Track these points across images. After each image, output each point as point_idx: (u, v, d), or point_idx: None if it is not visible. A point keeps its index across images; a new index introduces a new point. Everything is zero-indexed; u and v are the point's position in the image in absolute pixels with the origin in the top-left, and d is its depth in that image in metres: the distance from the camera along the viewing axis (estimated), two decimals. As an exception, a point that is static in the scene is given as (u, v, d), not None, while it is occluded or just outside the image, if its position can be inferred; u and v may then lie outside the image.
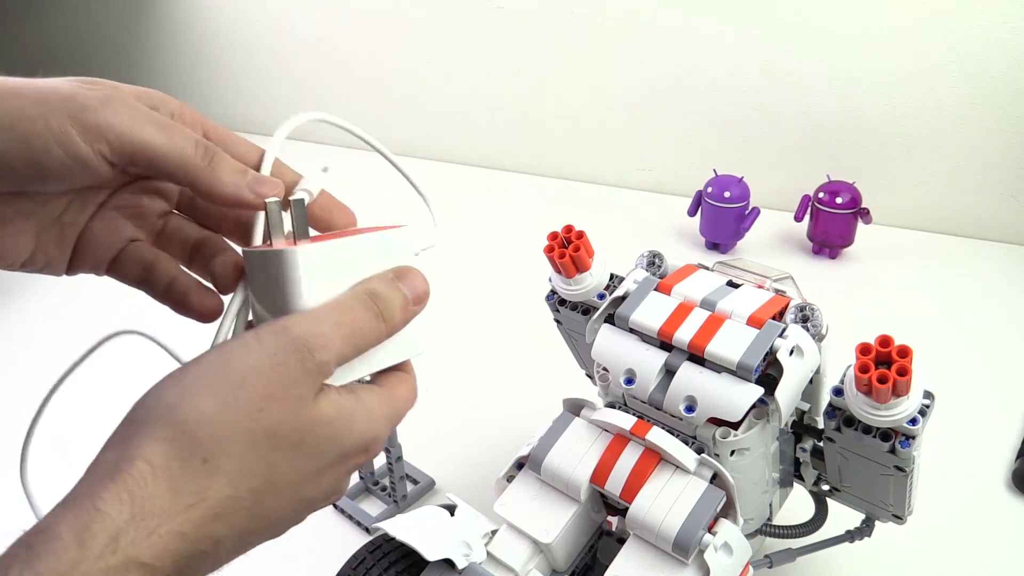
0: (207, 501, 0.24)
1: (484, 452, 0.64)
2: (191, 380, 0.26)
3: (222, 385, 0.25)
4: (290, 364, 0.26)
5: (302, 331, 0.27)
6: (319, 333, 0.27)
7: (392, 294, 0.30)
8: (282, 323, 0.27)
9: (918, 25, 0.91)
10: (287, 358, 0.26)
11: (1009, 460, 0.64)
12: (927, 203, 0.99)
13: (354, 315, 0.28)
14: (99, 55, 1.49)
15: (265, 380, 0.26)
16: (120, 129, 0.27)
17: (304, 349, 0.26)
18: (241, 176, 0.30)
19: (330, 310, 0.28)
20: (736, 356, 0.41)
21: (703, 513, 0.40)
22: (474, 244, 1.01)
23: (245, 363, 0.26)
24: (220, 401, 0.25)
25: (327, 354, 0.27)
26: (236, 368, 0.26)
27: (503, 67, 1.16)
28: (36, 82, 0.28)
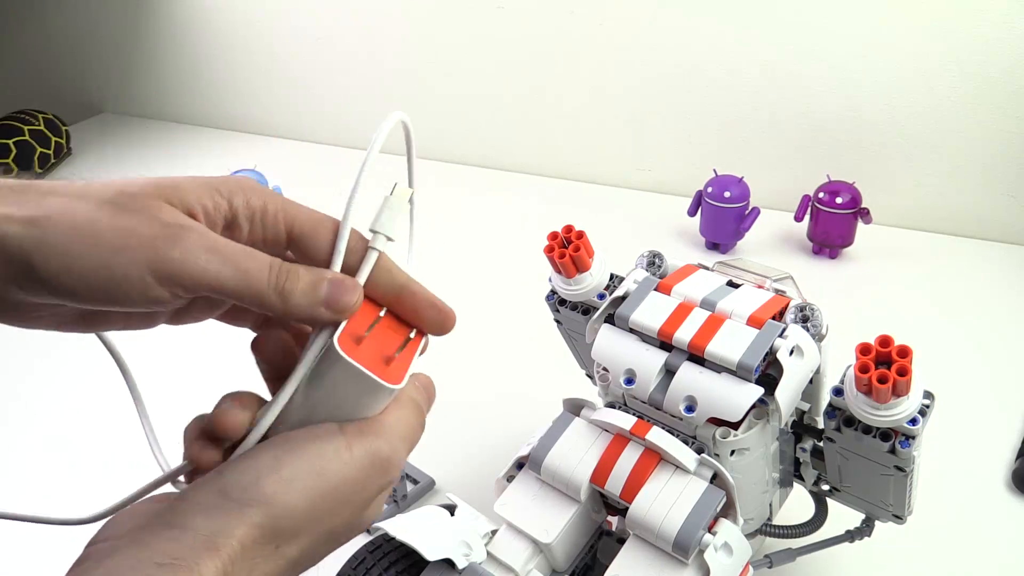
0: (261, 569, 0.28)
1: (484, 452, 0.64)
2: (289, 475, 0.28)
3: (316, 489, 0.28)
4: (372, 481, 0.30)
5: (388, 451, 0.30)
6: (397, 452, 0.31)
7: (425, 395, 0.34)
8: (371, 437, 0.30)
9: (918, 25, 0.91)
10: (371, 475, 0.30)
11: (1009, 460, 0.64)
12: (927, 203, 0.99)
13: (414, 430, 0.32)
14: (99, 55, 1.49)
15: (350, 491, 0.29)
16: (195, 274, 0.28)
17: (385, 469, 0.30)
18: (314, 294, 0.30)
19: (401, 425, 0.31)
20: (736, 356, 0.41)
21: (703, 513, 0.40)
22: (474, 244, 1.01)
23: (339, 472, 0.29)
24: (311, 503, 0.28)
25: (398, 471, 0.31)
26: (331, 476, 0.29)
27: (503, 67, 1.16)
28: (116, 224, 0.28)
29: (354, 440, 0.30)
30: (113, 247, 0.27)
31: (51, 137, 1.26)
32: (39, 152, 1.23)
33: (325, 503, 0.29)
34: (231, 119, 1.43)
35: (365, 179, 0.31)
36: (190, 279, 0.28)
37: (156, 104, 1.49)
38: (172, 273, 0.28)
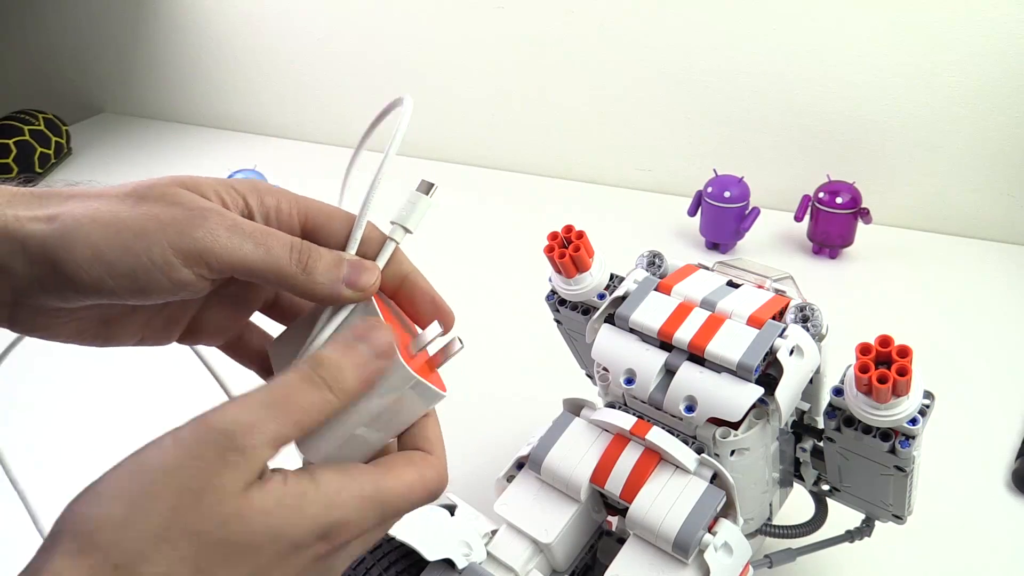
0: None
1: (484, 452, 0.64)
2: (103, 487, 0.24)
3: (133, 487, 0.24)
4: (208, 456, 0.24)
5: (222, 420, 0.25)
6: (242, 419, 0.25)
7: (341, 357, 0.28)
8: (202, 417, 0.25)
9: (918, 25, 0.91)
10: (204, 450, 0.25)
11: (1009, 460, 0.64)
12: (927, 203, 0.99)
13: (287, 391, 0.27)
14: (99, 55, 1.49)
15: (181, 476, 0.24)
16: (219, 252, 0.28)
17: (223, 438, 0.25)
18: (336, 272, 0.29)
19: (260, 392, 0.26)
20: (736, 356, 0.41)
21: (703, 513, 0.40)
22: (474, 244, 1.01)
23: (159, 461, 0.24)
24: (130, 504, 0.24)
25: (253, 438, 0.25)
26: (149, 468, 0.24)
27: (503, 67, 1.16)
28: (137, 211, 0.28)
29: (181, 427, 0.25)
30: (135, 231, 0.27)
31: (51, 137, 1.26)
32: (39, 152, 1.23)
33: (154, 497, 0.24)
34: (231, 119, 1.43)
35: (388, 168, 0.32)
36: (215, 257, 0.28)
37: (156, 104, 1.49)
38: (196, 252, 0.27)
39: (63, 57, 1.52)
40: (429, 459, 0.30)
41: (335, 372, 0.27)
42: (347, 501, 0.27)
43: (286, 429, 0.26)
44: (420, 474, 0.29)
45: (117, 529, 0.23)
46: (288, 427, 0.26)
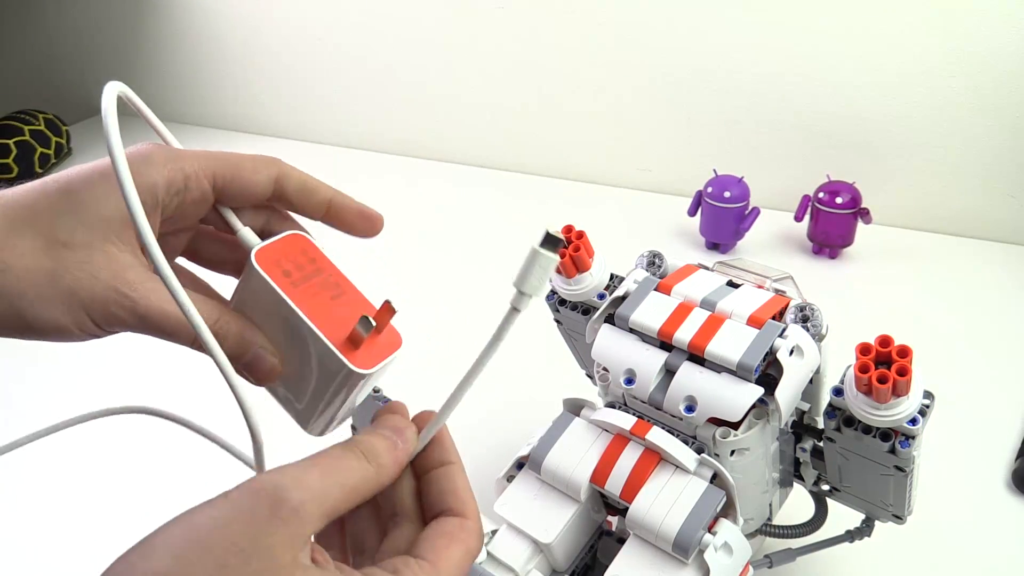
0: None
1: (484, 452, 0.64)
2: (156, 540, 0.24)
3: (182, 542, 0.24)
4: (259, 513, 0.24)
5: (274, 481, 0.25)
6: (293, 479, 0.25)
7: (375, 439, 0.29)
8: (254, 478, 0.25)
9: (918, 25, 0.91)
10: (256, 507, 0.24)
11: (1009, 460, 0.64)
12: (927, 203, 0.99)
13: (333, 457, 0.27)
14: (99, 55, 1.49)
15: (230, 533, 0.24)
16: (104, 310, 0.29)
17: (275, 495, 0.25)
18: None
19: (307, 459, 0.27)
20: (736, 356, 0.41)
21: (703, 513, 0.40)
22: (474, 244, 1.01)
23: (209, 516, 0.24)
24: (178, 559, 0.23)
25: (302, 494, 0.25)
26: (199, 524, 0.24)
27: (503, 67, 1.16)
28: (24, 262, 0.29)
29: (233, 488, 0.25)
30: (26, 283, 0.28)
31: (51, 137, 1.26)
32: (39, 152, 1.23)
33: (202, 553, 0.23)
34: (231, 119, 1.43)
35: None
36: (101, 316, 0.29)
37: (156, 104, 1.48)
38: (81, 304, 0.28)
39: (63, 57, 1.52)
40: (467, 525, 0.29)
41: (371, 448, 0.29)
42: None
43: (332, 490, 0.26)
44: (466, 548, 0.29)
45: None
46: (333, 488, 0.26)
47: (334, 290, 0.31)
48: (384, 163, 1.26)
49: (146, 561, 0.23)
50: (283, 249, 0.31)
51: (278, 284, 0.30)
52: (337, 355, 0.29)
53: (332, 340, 0.29)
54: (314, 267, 0.31)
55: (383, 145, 1.29)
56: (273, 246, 0.31)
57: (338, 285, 0.31)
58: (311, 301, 0.30)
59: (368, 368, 0.30)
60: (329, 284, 0.31)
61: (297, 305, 0.30)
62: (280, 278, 0.30)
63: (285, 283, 0.30)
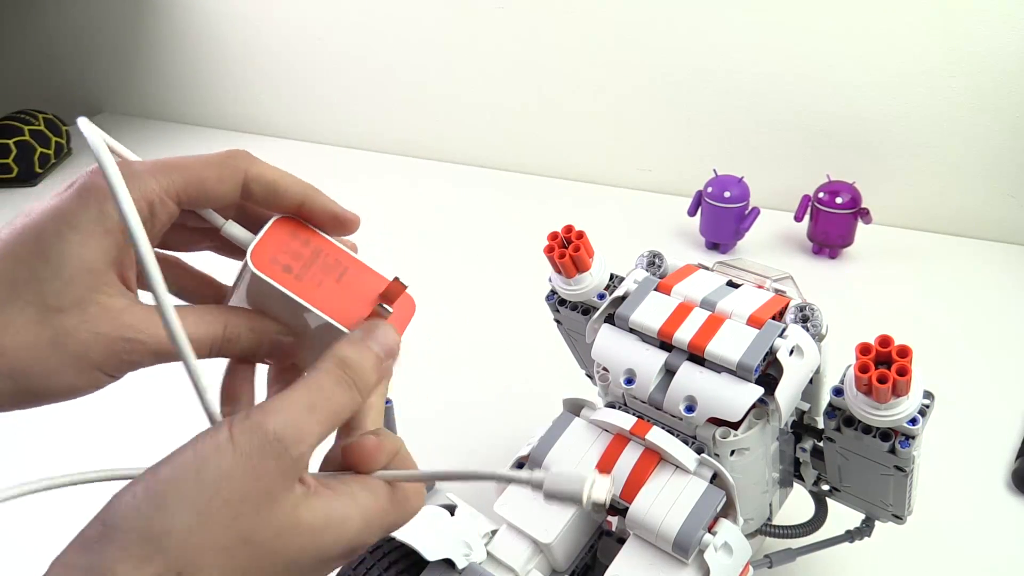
0: None
1: (484, 452, 0.64)
2: (165, 490, 0.25)
3: (197, 495, 0.24)
4: (267, 466, 0.25)
5: (278, 426, 0.26)
6: (294, 425, 0.26)
7: (362, 357, 0.29)
8: (256, 418, 0.26)
9: (918, 25, 0.91)
10: (263, 460, 0.25)
11: (1009, 460, 0.64)
12: (927, 203, 0.99)
13: (327, 394, 0.27)
14: (99, 55, 1.49)
15: (241, 485, 0.25)
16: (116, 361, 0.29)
17: (280, 447, 0.26)
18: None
19: (302, 393, 0.27)
20: (736, 356, 0.41)
21: (703, 513, 0.40)
22: (474, 244, 1.01)
23: (220, 468, 0.25)
24: (196, 513, 0.24)
25: (304, 446, 0.26)
26: (210, 474, 0.25)
27: (503, 67, 1.16)
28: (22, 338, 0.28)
29: (237, 429, 0.26)
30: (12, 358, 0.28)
31: (51, 137, 1.26)
32: (39, 152, 1.23)
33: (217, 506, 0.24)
34: (231, 119, 1.43)
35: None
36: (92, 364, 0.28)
37: (156, 104, 1.49)
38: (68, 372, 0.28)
39: (63, 57, 1.52)
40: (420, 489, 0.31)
41: (361, 373, 0.28)
42: (376, 529, 0.28)
43: (324, 430, 0.27)
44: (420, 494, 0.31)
45: (182, 538, 0.24)
46: (327, 428, 0.27)
47: (337, 269, 0.31)
48: (384, 163, 1.26)
49: (166, 515, 0.24)
50: (275, 241, 0.30)
51: (282, 284, 0.30)
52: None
53: (352, 328, 0.30)
54: (311, 250, 0.31)
55: (383, 145, 1.29)
56: (265, 241, 0.30)
57: (339, 262, 0.31)
58: (319, 291, 0.30)
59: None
60: (330, 264, 0.31)
61: (308, 301, 0.30)
62: (282, 275, 0.30)
63: (289, 280, 0.30)
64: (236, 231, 0.31)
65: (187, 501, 0.24)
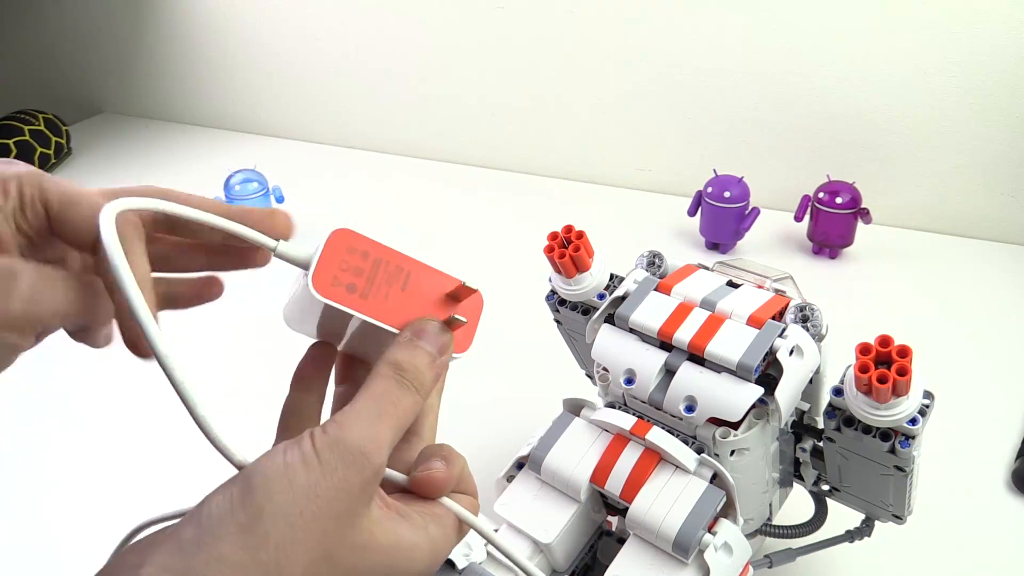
0: None
1: (484, 452, 0.64)
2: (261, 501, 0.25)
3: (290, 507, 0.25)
4: (352, 480, 0.26)
5: (356, 439, 0.26)
6: (371, 436, 0.27)
7: (416, 358, 0.29)
8: (333, 433, 0.26)
9: (918, 25, 0.91)
10: (348, 474, 0.26)
11: (1009, 460, 0.64)
12: (927, 203, 0.99)
13: (392, 398, 0.28)
14: (99, 55, 1.49)
15: (327, 500, 0.25)
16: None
17: (363, 460, 0.26)
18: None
19: (369, 402, 0.28)
20: (736, 356, 0.41)
21: (703, 513, 0.40)
22: (474, 244, 1.01)
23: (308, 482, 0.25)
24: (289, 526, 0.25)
25: (383, 455, 0.27)
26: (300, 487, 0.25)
27: (503, 67, 1.16)
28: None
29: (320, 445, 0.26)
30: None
31: (51, 137, 1.26)
32: (39, 152, 1.23)
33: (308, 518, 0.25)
34: (231, 119, 1.43)
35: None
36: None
37: (156, 104, 1.49)
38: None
39: (63, 57, 1.52)
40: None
41: (419, 375, 0.29)
42: (441, 558, 0.30)
43: (395, 436, 0.28)
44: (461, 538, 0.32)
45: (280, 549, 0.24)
46: (397, 434, 0.28)
47: (400, 277, 0.30)
48: (384, 163, 1.26)
49: (262, 525, 0.24)
50: (333, 260, 0.29)
51: (352, 307, 0.29)
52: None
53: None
54: (370, 263, 0.30)
55: (383, 145, 1.29)
56: (323, 263, 0.29)
57: (400, 268, 0.30)
58: (389, 306, 0.30)
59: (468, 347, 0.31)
60: (392, 273, 0.30)
61: (381, 320, 0.29)
62: (348, 297, 0.29)
63: (356, 301, 0.29)
64: (290, 250, 0.30)
65: (281, 513, 0.25)
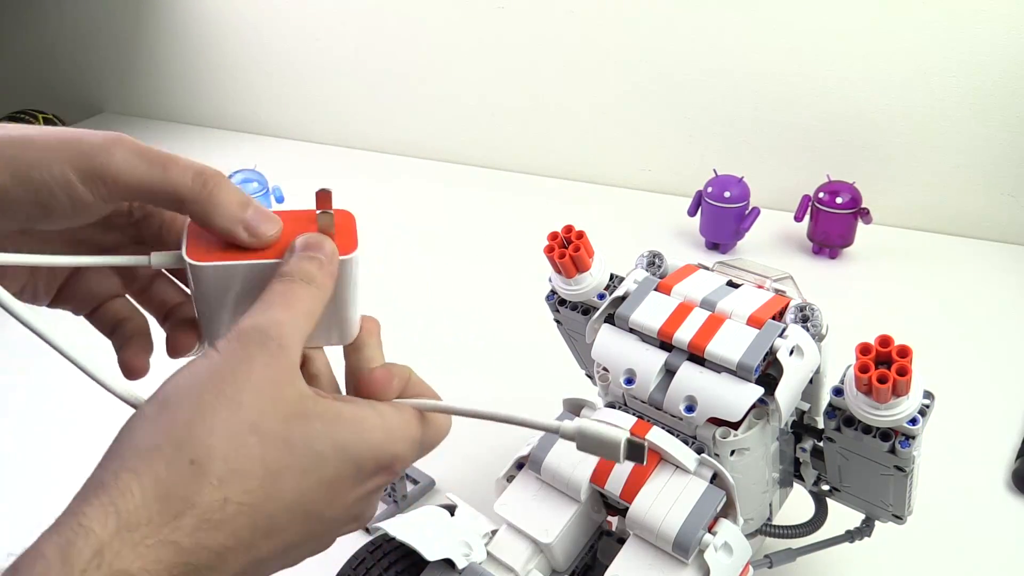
0: (197, 507, 0.24)
1: (484, 452, 0.64)
2: (168, 392, 0.26)
3: (197, 389, 0.25)
4: (254, 354, 0.26)
5: (249, 324, 0.27)
6: (267, 318, 0.27)
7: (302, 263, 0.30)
8: (233, 327, 0.27)
9: (918, 25, 0.91)
10: (248, 350, 0.26)
11: (1009, 460, 0.64)
12: (927, 203, 0.99)
13: (284, 292, 0.29)
14: (99, 55, 1.49)
15: (235, 375, 0.26)
16: (116, 172, 0.29)
17: (260, 336, 0.27)
18: (238, 211, 0.30)
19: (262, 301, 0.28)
20: (736, 356, 0.41)
21: (703, 513, 0.40)
22: (474, 244, 1.01)
23: (208, 367, 0.26)
24: (199, 403, 0.25)
25: (280, 329, 0.27)
26: (203, 373, 0.26)
27: (503, 67, 1.16)
28: (45, 130, 0.29)
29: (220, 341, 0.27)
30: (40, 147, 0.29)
31: (51, 137, 1.26)
32: (39, 152, 1.23)
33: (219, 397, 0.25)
34: (231, 119, 1.42)
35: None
36: (112, 178, 0.29)
37: (156, 104, 1.49)
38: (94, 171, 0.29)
39: (63, 57, 1.52)
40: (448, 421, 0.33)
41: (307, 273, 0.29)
42: (402, 440, 0.29)
43: (298, 318, 0.28)
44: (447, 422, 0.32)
45: (189, 426, 0.24)
46: (299, 317, 0.28)
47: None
48: (384, 163, 1.26)
49: (167, 411, 0.25)
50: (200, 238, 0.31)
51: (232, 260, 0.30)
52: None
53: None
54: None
55: (383, 145, 1.29)
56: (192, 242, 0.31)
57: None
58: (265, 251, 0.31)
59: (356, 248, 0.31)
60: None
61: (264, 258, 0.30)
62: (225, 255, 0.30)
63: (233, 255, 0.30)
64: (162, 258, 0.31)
65: (186, 400, 0.25)
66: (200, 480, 0.24)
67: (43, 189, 0.28)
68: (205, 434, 0.24)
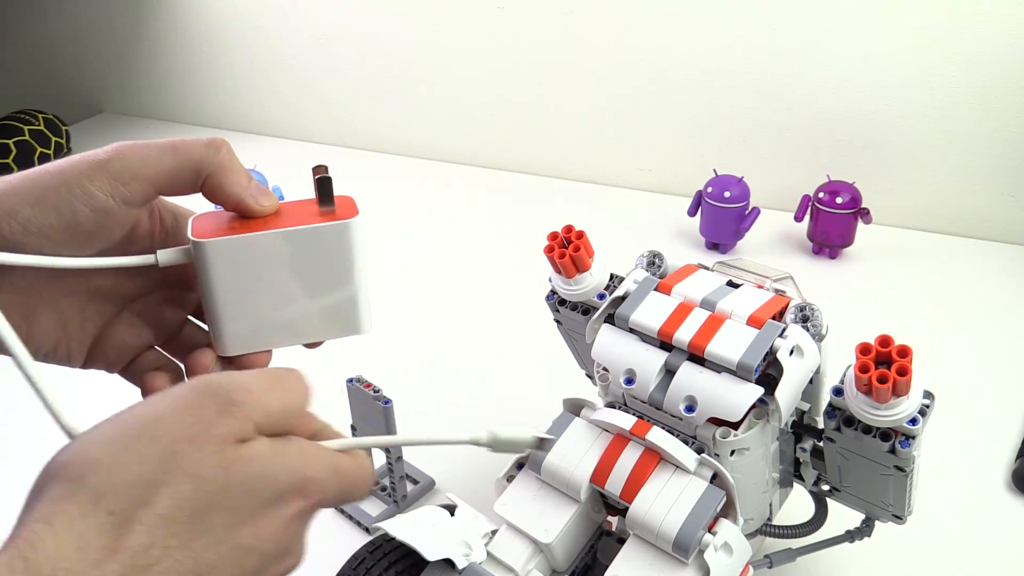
0: (121, 553, 0.23)
1: (484, 452, 0.64)
2: (88, 437, 0.25)
3: (123, 435, 0.24)
4: (207, 407, 0.26)
5: (218, 379, 0.27)
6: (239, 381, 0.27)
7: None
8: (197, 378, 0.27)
9: (918, 25, 0.91)
10: (203, 401, 0.26)
11: (1009, 460, 0.64)
12: (927, 203, 0.99)
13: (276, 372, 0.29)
14: (99, 55, 1.49)
15: (177, 423, 0.25)
16: (132, 169, 0.30)
17: (223, 393, 0.26)
18: (247, 180, 0.33)
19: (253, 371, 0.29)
20: (736, 356, 0.41)
21: (703, 513, 0.40)
22: (474, 244, 1.01)
23: (152, 410, 0.25)
24: (121, 450, 0.24)
25: (247, 397, 0.26)
26: (139, 417, 0.25)
27: (503, 67, 1.16)
28: (48, 164, 0.31)
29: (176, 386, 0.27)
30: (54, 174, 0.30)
31: (51, 137, 1.26)
32: (39, 152, 1.23)
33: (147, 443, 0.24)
34: (231, 119, 1.42)
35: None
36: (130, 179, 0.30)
37: (156, 104, 1.49)
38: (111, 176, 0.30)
39: (63, 57, 1.52)
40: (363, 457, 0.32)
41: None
42: (315, 460, 0.29)
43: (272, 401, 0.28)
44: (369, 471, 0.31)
45: (107, 473, 0.23)
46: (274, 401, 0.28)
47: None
48: (384, 163, 1.26)
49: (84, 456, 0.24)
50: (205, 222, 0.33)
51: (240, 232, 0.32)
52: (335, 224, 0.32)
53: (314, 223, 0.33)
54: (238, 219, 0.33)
55: (383, 145, 1.29)
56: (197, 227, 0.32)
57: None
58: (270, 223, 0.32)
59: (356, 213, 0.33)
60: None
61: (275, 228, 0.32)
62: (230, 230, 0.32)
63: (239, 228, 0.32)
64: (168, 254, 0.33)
65: (112, 441, 0.24)
66: (123, 528, 0.23)
67: (65, 208, 0.30)
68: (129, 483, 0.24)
